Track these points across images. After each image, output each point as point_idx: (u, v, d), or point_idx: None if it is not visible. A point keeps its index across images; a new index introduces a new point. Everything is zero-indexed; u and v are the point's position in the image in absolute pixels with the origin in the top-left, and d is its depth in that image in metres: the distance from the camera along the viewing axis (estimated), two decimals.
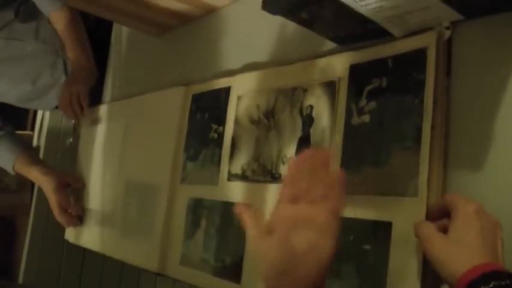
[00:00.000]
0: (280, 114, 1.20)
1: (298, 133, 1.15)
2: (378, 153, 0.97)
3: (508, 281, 0.68)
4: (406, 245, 0.89)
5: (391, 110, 0.97)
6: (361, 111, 1.02)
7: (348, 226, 0.99)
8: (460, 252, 0.76)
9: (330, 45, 1.12)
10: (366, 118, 1.01)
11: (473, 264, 0.72)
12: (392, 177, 0.94)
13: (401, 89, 0.96)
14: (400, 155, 0.94)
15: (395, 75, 0.98)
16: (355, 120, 1.03)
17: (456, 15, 0.89)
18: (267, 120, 1.23)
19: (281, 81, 1.22)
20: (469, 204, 0.80)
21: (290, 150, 1.16)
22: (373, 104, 1.00)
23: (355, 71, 1.06)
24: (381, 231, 0.94)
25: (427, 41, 0.93)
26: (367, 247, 0.95)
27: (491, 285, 0.68)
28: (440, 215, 0.84)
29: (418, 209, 0.89)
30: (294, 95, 1.18)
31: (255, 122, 1.26)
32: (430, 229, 0.82)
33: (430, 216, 0.86)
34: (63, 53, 2.22)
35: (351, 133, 1.04)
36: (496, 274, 0.70)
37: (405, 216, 0.90)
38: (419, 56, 0.94)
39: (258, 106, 1.26)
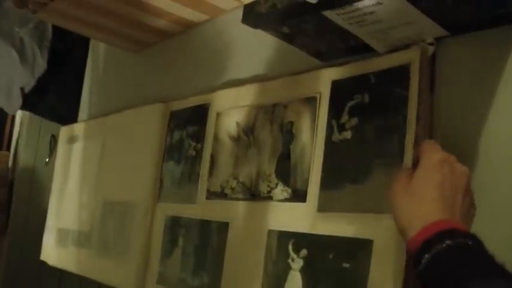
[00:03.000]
0: (260, 131, 1.18)
1: (279, 150, 1.13)
2: (359, 170, 0.96)
3: (465, 240, 0.67)
4: (386, 263, 0.87)
5: (373, 126, 0.96)
6: (342, 128, 1.01)
7: (328, 244, 0.98)
8: (415, 207, 0.74)
9: (311, 60, 1.10)
10: (347, 134, 0.99)
11: (427, 222, 0.70)
12: (373, 194, 0.93)
13: (384, 105, 0.94)
14: (382, 172, 0.92)
15: (377, 92, 0.96)
16: (336, 136, 1.01)
17: (441, 31, 0.88)
18: (246, 137, 1.21)
19: (261, 97, 1.20)
20: (434, 153, 0.77)
21: (270, 168, 1.13)
22: (354, 121, 0.99)
23: (336, 87, 1.04)
24: (361, 249, 0.92)
25: (411, 57, 0.91)
26: (347, 265, 0.93)
27: (446, 244, 0.66)
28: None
29: None
30: (274, 111, 1.16)
31: (234, 139, 1.24)
32: (398, 180, 0.79)
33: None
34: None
35: (331, 150, 1.02)
36: (452, 232, 0.68)
37: (387, 233, 0.88)
38: (402, 72, 0.92)
39: (237, 123, 1.24)
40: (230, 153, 1.25)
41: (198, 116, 1.37)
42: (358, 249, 0.93)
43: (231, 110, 1.28)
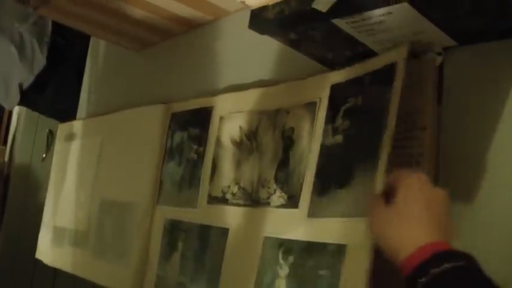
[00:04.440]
0: (263, 136, 1.17)
1: (279, 156, 1.11)
2: (344, 175, 0.93)
3: (462, 262, 0.65)
4: (357, 269, 0.85)
5: (360, 129, 0.94)
6: (335, 131, 0.98)
7: (309, 250, 0.97)
8: (405, 229, 0.72)
9: (316, 65, 1.09)
10: (339, 138, 0.97)
11: (420, 244, 0.68)
12: (353, 198, 0.91)
13: (373, 107, 0.92)
14: (362, 175, 0.90)
15: (369, 93, 0.94)
16: (329, 140, 0.99)
17: (449, 41, 0.87)
18: (249, 142, 1.20)
19: (264, 102, 1.19)
20: (411, 175, 0.76)
21: (270, 174, 1.12)
22: (346, 124, 0.97)
23: (335, 90, 1.02)
24: (335, 254, 0.90)
25: (397, 55, 0.89)
26: (322, 272, 0.92)
27: (444, 267, 0.64)
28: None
29: None
30: (276, 116, 1.15)
31: (236, 144, 1.23)
32: (375, 201, 0.78)
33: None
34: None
35: (324, 154, 1.00)
36: (448, 254, 0.66)
37: (359, 238, 0.86)
38: (388, 71, 0.90)
39: (240, 127, 1.23)
40: (232, 157, 1.23)
41: (201, 118, 1.36)
42: (332, 255, 0.91)
43: (234, 114, 1.26)
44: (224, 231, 1.20)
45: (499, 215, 0.80)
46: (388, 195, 0.78)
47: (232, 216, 1.19)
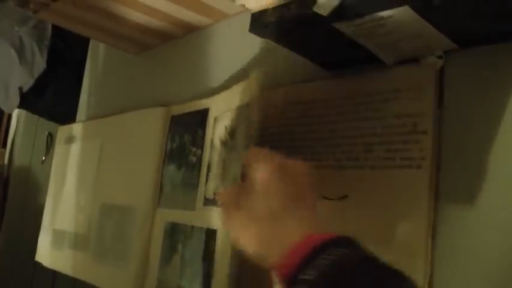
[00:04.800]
0: (239, 133, 1.15)
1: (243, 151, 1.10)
2: None
3: (340, 253, 0.58)
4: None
5: None
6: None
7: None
8: (267, 225, 0.65)
9: (317, 69, 1.09)
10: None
11: (290, 242, 0.61)
12: None
13: None
14: None
15: None
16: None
17: (450, 44, 0.87)
18: (231, 141, 1.18)
19: (242, 97, 1.17)
20: (266, 158, 0.71)
21: (239, 171, 1.08)
22: None
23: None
24: None
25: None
26: None
27: (324, 259, 0.57)
28: None
29: None
30: (246, 111, 1.13)
31: (223, 143, 1.22)
32: (228, 194, 0.74)
33: None
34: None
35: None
36: (321, 250, 0.59)
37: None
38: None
39: (225, 127, 1.22)
40: (220, 158, 1.22)
41: (199, 121, 1.35)
42: None
43: (224, 113, 1.25)
44: (214, 233, 1.19)
45: (501, 216, 0.80)
46: (246, 185, 0.72)
47: (219, 217, 1.17)
